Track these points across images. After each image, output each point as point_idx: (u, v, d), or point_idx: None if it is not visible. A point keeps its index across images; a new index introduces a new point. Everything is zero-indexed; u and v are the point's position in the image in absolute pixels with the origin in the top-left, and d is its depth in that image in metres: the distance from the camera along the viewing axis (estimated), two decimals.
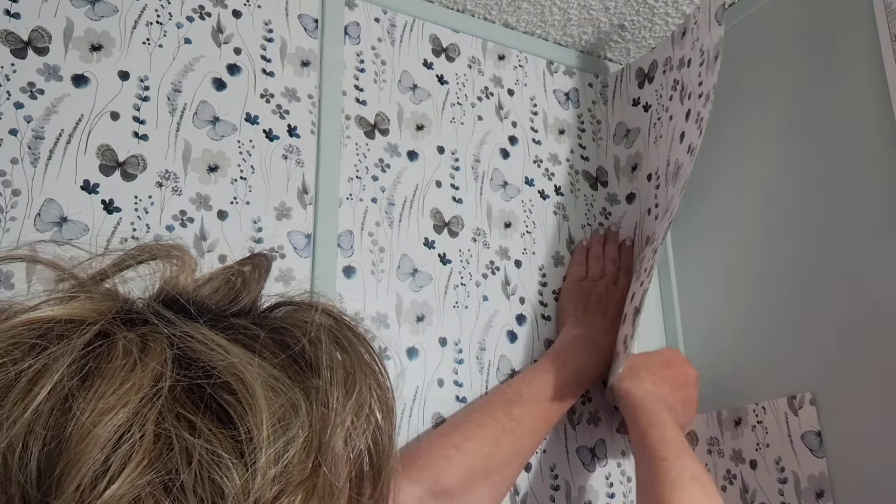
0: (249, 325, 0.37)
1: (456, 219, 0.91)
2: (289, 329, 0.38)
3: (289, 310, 0.41)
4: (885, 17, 0.80)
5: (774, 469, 0.84)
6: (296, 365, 0.36)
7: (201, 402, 0.33)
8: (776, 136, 0.91)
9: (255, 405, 0.32)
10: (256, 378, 0.33)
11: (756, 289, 0.90)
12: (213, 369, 0.33)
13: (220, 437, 0.32)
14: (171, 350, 0.34)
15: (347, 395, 0.36)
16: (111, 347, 0.33)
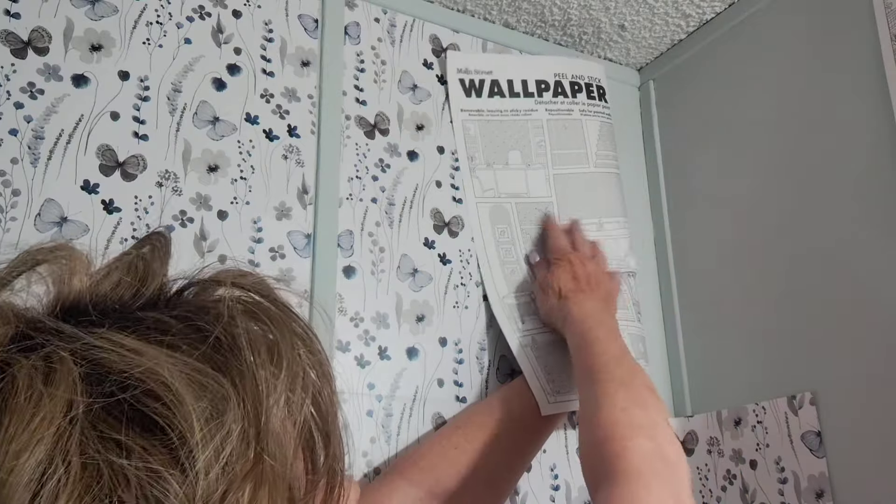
0: (160, 317, 0.34)
1: (456, 219, 0.91)
2: (201, 312, 0.35)
3: (196, 290, 0.38)
4: (885, 17, 0.80)
5: (774, 469, 0.84)
6: (217, 351, 0.34)
7: (123, 416, 0.30)
8: (776, 136, 0.91)
9: (181, 406, 0.30)
10: (177, 377, 0.31)
11: (756, 289, 0.90)
12: (130, 378, 0.31)
13: (152, 449, 0.30)
14: (78, 368, 0.31)
15: (276, 371, 0.34)
16: (12, 381, 0.30)
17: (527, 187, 0.94)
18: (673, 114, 1.07)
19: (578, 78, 1.00)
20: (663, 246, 1.04)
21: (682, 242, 1.02)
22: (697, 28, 1.03)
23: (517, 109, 0.96)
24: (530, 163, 0.94)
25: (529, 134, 0.95)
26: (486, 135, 0.94)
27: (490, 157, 0.93)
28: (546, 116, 0.96)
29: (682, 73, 1.06)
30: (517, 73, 0.97)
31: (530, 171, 0.94)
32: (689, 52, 1.05)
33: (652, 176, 1.08)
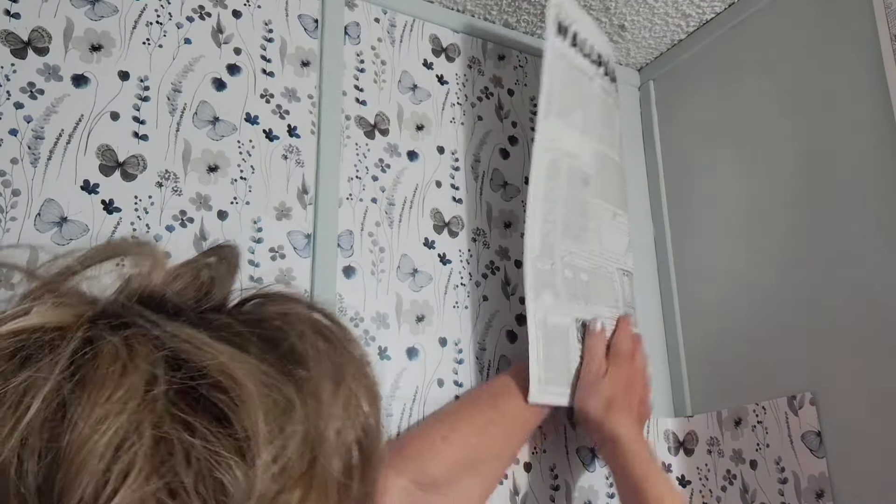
0: (228, 321, 0.36)
1: (456, 219, 0.91)
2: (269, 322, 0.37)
3: (261, 302, 0.40)
4: (885, 17, 0.80)
5: (774, 469, 0.84)
6: (283, 359, 0.35)
7: (196, 403, 0.32)
8: (776, 136, 0.91)
9: (249, 402, 0.32)
10: (247, 375, 0.33)
11: (756, 289, 0.90)
12: (204, 368, 0.32)
13: (219, 436, 0.31)
14: (158, 351, 0.33)
15: (336, 387, 0.36)
16: (97, 353, 0.32)
17: (580, 151, 0.89)
18: (673, 114, 1.07)
19: (614, 68, 0.98)
20: (663, 246, 1.04)
21: (682, 242, 1.02)
22: (697, 28, 1.03)
23: (584, 70, 0.91)
24: (586, 129, 0.90)
25: (589, 100, 0.91)
26: (564, 82, 0.88)
27: (563, 107, 0.88)
28: (598, 90, 0.93)
29: (682, 73, 1.06)
30: (590, 35, 0.93)
31: (584, 136, 0.90)
32: (689, 52, 1.05)
33: (652, 176, 1.08)
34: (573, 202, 0.87)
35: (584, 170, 0.89)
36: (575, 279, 0.86)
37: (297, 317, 0.38)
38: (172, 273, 0.40)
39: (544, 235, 0.83)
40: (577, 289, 0.85)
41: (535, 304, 0.80)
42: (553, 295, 0.83)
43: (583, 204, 0.89)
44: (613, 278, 0.91)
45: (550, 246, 0.84)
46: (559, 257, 0.85)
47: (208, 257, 0.42)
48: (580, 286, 0.86)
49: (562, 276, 0.84)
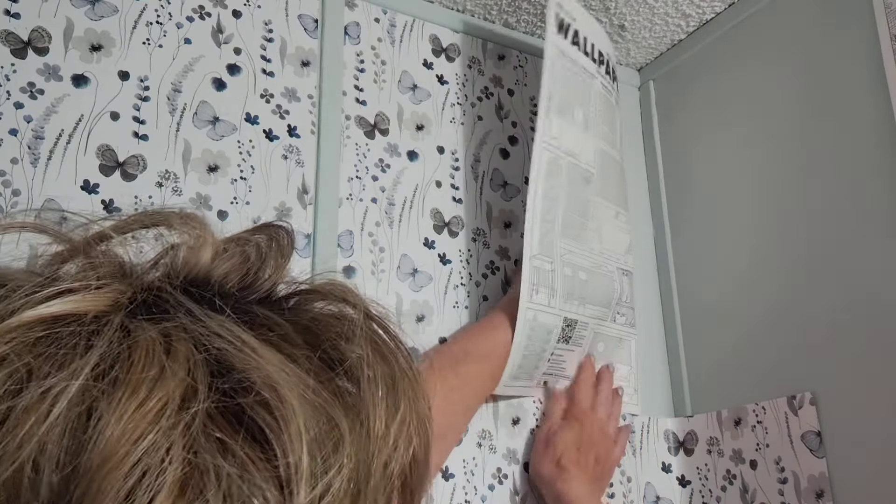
0: (277, 319, 0.32)
1: (456, 219, 0.91)
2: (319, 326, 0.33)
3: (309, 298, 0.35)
4: (885, 17, 0.80)
5: (774, 469, 0.84)
6: (332, 372, 0.31)
7: (237, 420, 0.28)
8: (776, 136, 0.91)
9: (293, 426, 0.28)
10: (293, 390, 0.28)
11: (756, 289, 0.90)
12: (248, 380, 0.28)
13: (258, 462, 0.27)
14: (199, 353, 0.29)
15: (390, 415, 0.31)
16: (132, 350, 0.28)
17: (581, 149, 0.89)
18: (673, 114, 1.07)
19: (616, 67, 0.98)
20: (663, 246, 1.04)
21: (682, 242, 1.02)
22: (697, 28, 1.03)
23: (586, 68, 0.92)
24: (587, 127, 0.90)
25: (590, 98, 0.91)
26: (566, 80, 0.88)
27: (563, 105, 0.88)
28: (600, 88, 0.93)
29: (682, 73, 1.06)
30: (590, 34, 0.93)
31: (586, 134, 0.90)
32: (689, 52, 1.05)
33: (652, 176, 1.08)
34: (574, 201, 0.87)
35: (585, 168, 0.89)
36: (574, 278, 0.86)
37: (353, 324, 0.33)
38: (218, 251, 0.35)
39: (543, 234, 0.83)
40: (575, 288, 0.85)
41: (530, 302, 0.81)
42: (549, 294, 0.83)
43: (584, 202, 0.89)
44: (613, 278, 0.91)
45: (550, 244, 0.84)
46: (558, 256, 0.85)
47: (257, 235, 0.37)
48: (578, 285, 0.86)
49: (561, 274, 0.84)
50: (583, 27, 0.91)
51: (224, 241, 0.36)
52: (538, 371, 0.85)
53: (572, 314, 0.85)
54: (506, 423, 0.86)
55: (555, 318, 0.83)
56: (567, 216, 0.86)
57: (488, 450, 0.84)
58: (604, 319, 0.89)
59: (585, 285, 0.87)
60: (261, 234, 0.37)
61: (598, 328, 0.89)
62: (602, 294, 0.89)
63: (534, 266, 0.82)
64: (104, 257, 0.33)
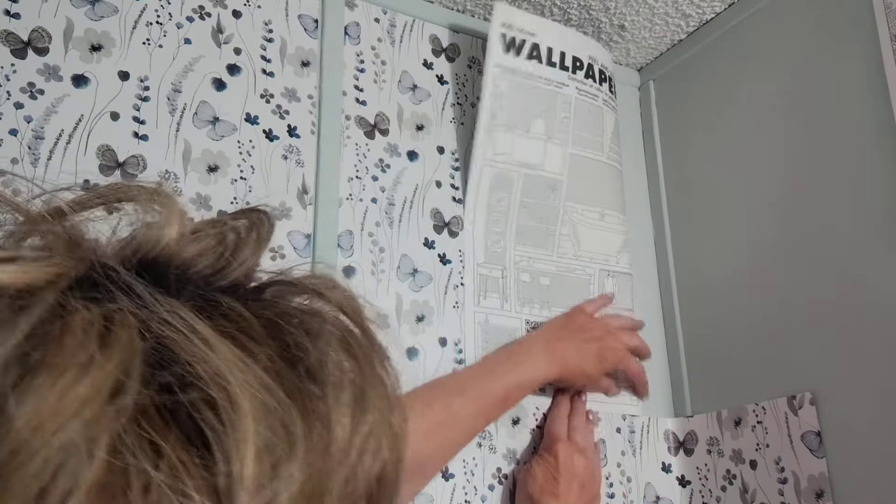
0: (240, 310, 0.29)
1: (456, 219, 0.91)
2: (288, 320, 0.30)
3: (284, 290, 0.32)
4: (885, 17, 0.80)
5: (774, 469, 0.84)
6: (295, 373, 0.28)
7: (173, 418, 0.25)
8: (776, 136, 0.91)
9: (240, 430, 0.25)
10: (245, 389, 0.25)
11: (756, 289, 0.90)
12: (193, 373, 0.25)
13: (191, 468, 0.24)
14: (140, 341, 0.26)
15: (355, 424, 0.28)
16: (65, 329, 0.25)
17: (542, 160, 0.92)
18: (673, 114, 1.07)
19: (605, 68, 0.99)
20: (663, 246, 1.04)
21: (682, 242, 1.02)
22: (697, 28, 1.03)
23: (550, 79, 0.94)
24: (552, 136, 0.93)
25: (557, 107, 0.94)
26: (515, 97, 0.91)
27: (513, 121, 0.91)
28: (575, 94, 0.95)
29: (682, 73, 1.06)
30: (557, 44, 0.95)
31: (550, 143, 0.93)
32: (689, 52, 1.05)
33: (652, 176, 1.08)
34: (536, 209, 0.92)
35: (550, 177, 0.93)
36: (532, 283, 0.91)
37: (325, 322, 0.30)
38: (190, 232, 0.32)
39: (489, 245, 0.90)
40: (534, 293, 0.91)
41: (477, 307, 0.87)
42: (500, 299, 0.89)
43: (551, 209, 0.93)
44: (591, 281, 0.93)
45: (499, 254, 0.90)
46: (512, 263, 0.90)
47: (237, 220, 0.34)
48: (537, 291, 0.91)
49: (515, 281, 0.90)
50: (545, 39, 0.94)
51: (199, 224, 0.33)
52: None
53: (534, 317, 0.90)
54: (506, 423, 0.86)
55: (512, 320, 0.89)
56: (524, 225, 0.91)
57: (488, 450, 0.84)
58: None
59: (548, 290, 0.91)
60: (241, 218, 0.34)
61: None
62: (571, 297, 0.92)
63: (480, 274, 0.88)
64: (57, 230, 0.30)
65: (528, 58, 0.92)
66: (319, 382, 0.28)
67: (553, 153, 0.93)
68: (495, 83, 0.90)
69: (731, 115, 0.97)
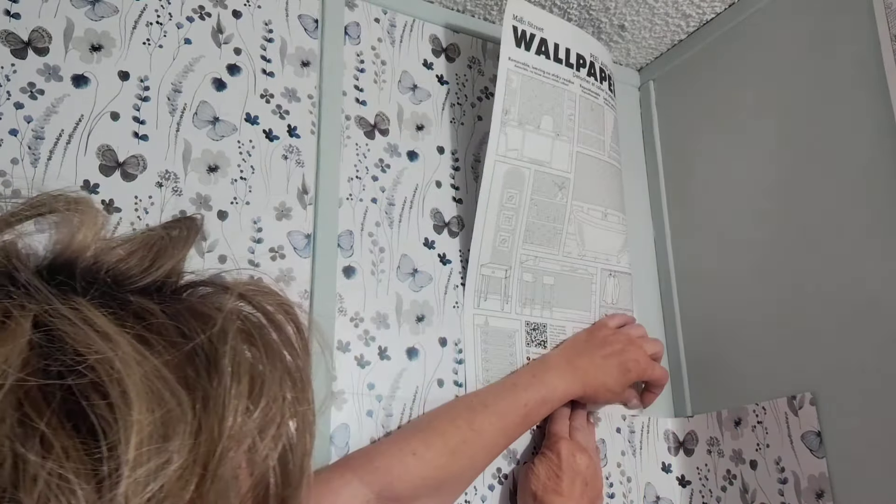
0: (148, 306, 0.30)
1: (456, 219, 0.91)
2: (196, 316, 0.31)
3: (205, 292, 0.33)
4: (885, 18, 0.80)
5: (774, 469, 0.84)
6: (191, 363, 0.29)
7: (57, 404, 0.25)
8: (776, 136, 0.91)
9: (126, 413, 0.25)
10: (136, 377, 0.26)
11: (756, 289, 0.90)
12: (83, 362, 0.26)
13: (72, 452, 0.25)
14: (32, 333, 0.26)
15: (250, 409, 0.29)
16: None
17: (550, 157, 0.91)
18: (673, 114, 1.07)
19: (605, 67, 0.99)
20: (663, 246, 1.04)
21: (682, 242, 1.02)
22: (697, 28, 1.03)
23: (557, 76, 0.93)
24: (560, 133, 0.92)
25: (564, 104, 0.93)
26: (527, 92, 0.90)
27: (524, 116, 0.90)
28: (579, 92, 0.94)
29: (682, 73, 1.06)
30: (563, 40, 0.94)
31: (558, 141, 0.92)
32: (689, 52, 1.05)
33: (652, 176, 1.08)
34: (544, 207, 0.91)
35: (558, 175, 0.92)
36: (535, 283, 0.90)
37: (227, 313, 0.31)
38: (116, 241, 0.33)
39: (497, 244, 0.89)
40: (536, 293, 0.90)
41: (477, 310, 0.87)
42: (501, 301, 0.88)
43: (559, 208, 0.92)
44: (593, 280, 0.93)
45: (505, 253, 0.89)
46: (517, 263, 0.90)
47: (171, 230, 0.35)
48: (540, 290, 0.90)
49: (518, 281, 0.89)
50: (552, 34, 0.93)
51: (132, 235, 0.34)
52: None
53: (535, 318, 0.89)
54: None
55: (512, 322, 0.88)
56: (533, 223, 0.90)
57: None
58: (585, 323, 0.92)
59: (551, 289, 0.91)
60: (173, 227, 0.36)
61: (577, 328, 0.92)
62: (573, 297, 0.92)
63: (482, 274, 0.88)
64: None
65: (537, 53, 0.91)
66: (217, 372, 0.29)
67: (561, 151, 0.92)
68: (508, 77, 0.89)
69: (731, 115, 0.97)
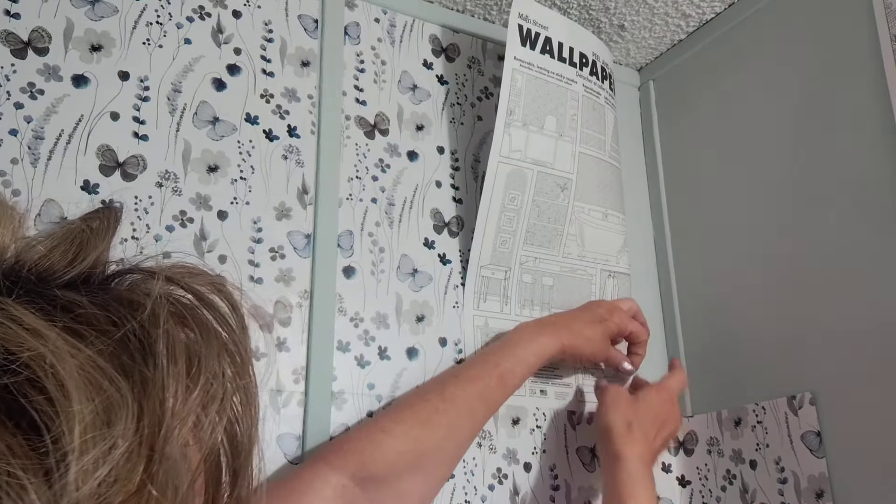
0: (77, 299, 0.30)
1: (456, 219, 0.91)
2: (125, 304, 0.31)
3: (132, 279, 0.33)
4: (885, 17, 0.80)
5: (774, 469, 0.84)
6: (125, 351, 0.29)
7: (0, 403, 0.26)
8: (776, 136, 0.91)
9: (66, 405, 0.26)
10: (70, 369, 0.26)
11: (756, 289, 0.90)
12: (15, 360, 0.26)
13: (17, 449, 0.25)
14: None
15: (191, 386, 0.29)
16: None
17: (553, 158, 0.91)
18: (673, 114, 1.07)
19: (606, 65, 0.98)
20: (663, 246, 1.04)
21: (682, 242, 1.02)
22: (697, 28, 1.03)
23: (561, 75, 0.92)
24: (563, 133, 0.91)
25: (567, 104, 0.92)
26: (531, 92, 0.89)
27: (528, 117, 0.89)
28: (582, 91, 0.94)
29: (682, 73, 1.06)
30: (567, 39, 0.93)
31: (561, 141, 0.91)
32: (689, 52, 1.05)
33: (652, 176, 1.08)
34: (546, 208, 0.91)
35: (560, 175, 0.91)
36: (534, 284, 0.90)
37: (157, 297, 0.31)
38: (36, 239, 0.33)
39: (497, 245, 0.88)
40: (535, 294, 0.90)
41: (476, 311, 0.87)
42: (501, 302, 0.89)
43: (560, 209, 0.92)
44: (592, 281, 0.93)
45: (505, 254, 0.89)
46: (517, 264, 0.89)
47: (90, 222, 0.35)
48: (539, 292, 0.90)
49: (517, 282, 0.89)
50: (556, 33, 0.93)
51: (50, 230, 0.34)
52: None
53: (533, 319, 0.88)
54: (506, 424, 0.86)
55: (511, 323, 0.87)
56: (534, 224, 0.90)
57: (488, 450, 0.84)
58: None
59: (550, 290, 0.91)
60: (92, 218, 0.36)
61: None
62: (572, 298, 0.92)
63: (482, 276, 0.88)
64: None
65: (541, 52, 0.91)
66: (151, 355, 0.29)
67: (563, 151, 0.91)
68: (513, 77, 0.88)
69: (730, 115, 0.97)
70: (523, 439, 0.87)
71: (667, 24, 1.02)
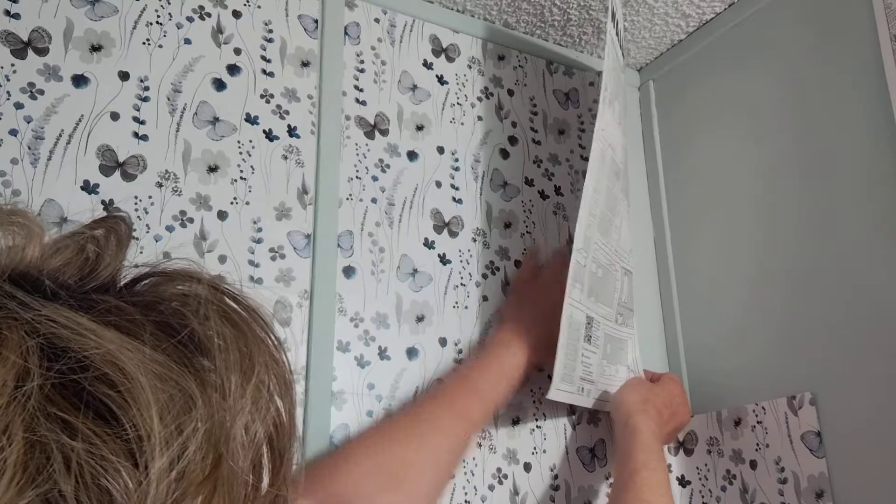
0: (117, 303, 0.32)
1: (456, 219, 0.91)
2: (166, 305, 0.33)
3: (157, 281, 0.35)
4: (885, 17, 0.80)
5: (774, 469, 0.84)
6: (182, 347, 0.32)
7: (78, 399, 0.28)
8: (776, 136, 0.91)
9: (141, 398, 0.28)
10: (136, 365, 0.29)
11: (756, 289, 0.90)
12: (87, 359, 0.28)
13: (106, 437, 0.27)
14: (32, 339, 0.28)
15: (245, 378, 0.32)
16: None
17: (616, 143, 0.89)
18: (673, 114, 1.07)
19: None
20: (663, 246, 1.04)
21: (682, 242, 1.02)
22: (697, 28, 1.03)
23: (619, 60, 0.90)
24: (621, 120, 0.90)
25: (622, 90, 0.90)
26: (614, 71, 0.87)
27: (612, 96, 0.87)
28: (624, 81, 0.92)
29: (682, 73, 1.06)
30: (620, 21, 0.92)
31: (619, 128, 0.90)
32: (689, 52, 1.05)
33: (652, 176, 1.08)
34: (609, 195, 0.87)
35: (617, 162, 0.90)
36: (595, 274, 0.85)
37: (199, 298, 0.34)
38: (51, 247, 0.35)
39: (586, 228, 0.82)
40: (594, 284, 0.85)
41: (570, 298, 0.80)
42: (580, 290, 0.82)
43: (615, 198, 0.89)
44: (617, 277, 0.91)
45: (589, 239, 0.83)
46: (592, 251, 0.84)
47: (95, 229, 0.37)
48: (596, 282, 0.86)
49: (589, 270, 0.84)
50: (620, 20, 0.92)
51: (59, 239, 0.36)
52: (576, 374, 0.83)
53: (591, 311, 0.85)
54: (506, 423, 0.86)
55: (581, 314, 0.83)
56: (602, 210, 0.86)
57: (488, 450, 0.84)
58: (609, 319, 0.89)
59: (601, 282, 0.87)
60: (98, 226, 0.38)
61: (607, 329, 0.89)
62: (609, 293, 0.89)
63: (576, 261, 0.80)
64: None
65: (615, 33, 0.89)
66: (206, 350, 0.32)
67: (619, 139, 0.89)
68: (608, 53, 0.85)
69: (730, 115, 0.97)
70: (523, 439, 0.87)
71: (667, 25, 1.03)
